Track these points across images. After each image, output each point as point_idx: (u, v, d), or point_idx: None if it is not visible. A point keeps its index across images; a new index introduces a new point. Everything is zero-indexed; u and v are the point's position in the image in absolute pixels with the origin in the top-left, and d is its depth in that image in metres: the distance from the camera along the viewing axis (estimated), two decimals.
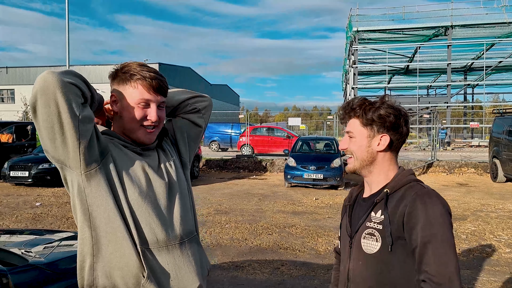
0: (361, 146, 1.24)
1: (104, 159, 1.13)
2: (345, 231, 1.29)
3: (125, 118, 1.19)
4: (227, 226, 6.01)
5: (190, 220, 1.28)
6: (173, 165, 1.28)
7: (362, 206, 1.26)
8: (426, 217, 1.08)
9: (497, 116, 11.40)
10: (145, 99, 1.17)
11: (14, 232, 2.89)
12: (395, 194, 1.17)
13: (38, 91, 1.01)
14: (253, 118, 30.08)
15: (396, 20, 22.62)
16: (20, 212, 6.90)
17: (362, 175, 1.28)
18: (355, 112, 1.25)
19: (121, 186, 1.14)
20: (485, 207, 7.46)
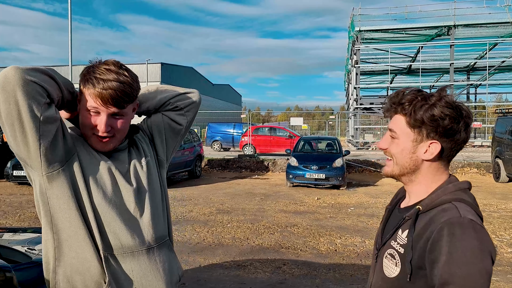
0: (404, 150, 1.02)
1: (69, 160, 1.09)
2: (376, 240, 1.15)
3: (80, 122, 1.15)
4: (229, 225, 6.02)
5: (161, 225, 1.22)
6: (144, 167, 1.22)
7: (396, 217, 1.10)
8: (449, 252, 0.87)
9: (500, 116, 11.36)
10: (93, 107, 1.09)
11: (18, 230, 2.91)
12: (427, 214, 0.97)
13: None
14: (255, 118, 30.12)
15: (399, 19, 22.61)
16: (23, 211, 6.94)
17: (402, 182, 1.09)
18: (403, 108, 1.01)
19: (86, 189, 1.09)
20: (487, 207, 7.44)
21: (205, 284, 3.78)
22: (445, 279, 0.87)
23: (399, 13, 22.82)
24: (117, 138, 1.15)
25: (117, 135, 1.15)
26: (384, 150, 1.09)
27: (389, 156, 1.08)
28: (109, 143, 1.14)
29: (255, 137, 17.05)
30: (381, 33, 23.40)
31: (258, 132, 17.89)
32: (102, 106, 1.09)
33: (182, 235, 5.42)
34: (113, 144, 1.16)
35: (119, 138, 1.17)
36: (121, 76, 1.09)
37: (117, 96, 1.08)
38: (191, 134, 12.38)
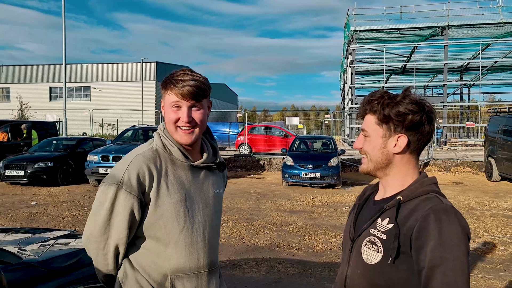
0: (375, 146, 1.10)
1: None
2: (348, 232, 1.19)
3: (166, 122, 1.32)
4: (225, 225, 6.01)
5: (217, 250, 1.40)
6: (221, 195, 1.43)
7: (371, 209, 1.15)
8: (438, 237, 0.94)
9: (492, 116, 11.47)
10: (175, 102, 1.28)
11: (9, 230, 2.88)
12: (408, 204, 1.04)
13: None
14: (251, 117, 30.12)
15: (394, 20, 22.72)
16: (15, 211, 6.87)
17: (377, 177, 1.15)
18: (372, 107, 1.10)
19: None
20: (480, 206, 7.51)
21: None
22: (435, 263, 0.94)
23: (394, 13, 22.95)
24: (197, 129, 1.31)
25: (197, 126, 1.31)
26: (359, 149, 1.16)
27: (363, 155, 1.15)
28: (192, 134, 1.30)
29: (251, 136, 17.03)
30: (376, 33, 23.50)
31: (254, 132, 17.87)
32: (183, 100, 1.27)
33: None
34: (195, 135, 1.31)
35: (201, 129, 1.32)
36: (195, 77, 1.30)
37: (194, 91, 1.28)
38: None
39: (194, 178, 1.33)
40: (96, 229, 1.25)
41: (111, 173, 1.28)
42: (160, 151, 1.30)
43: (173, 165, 1.30)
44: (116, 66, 33.04)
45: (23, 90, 32.14)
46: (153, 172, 1.24)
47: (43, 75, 34.00)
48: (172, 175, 1.28)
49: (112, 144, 10.90)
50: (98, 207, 1.25)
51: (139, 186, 1.22)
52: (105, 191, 1.24)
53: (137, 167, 1.23)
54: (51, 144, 11.28)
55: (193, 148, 1.36)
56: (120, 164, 1.27)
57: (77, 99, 32.97)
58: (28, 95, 30.95)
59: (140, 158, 1.26)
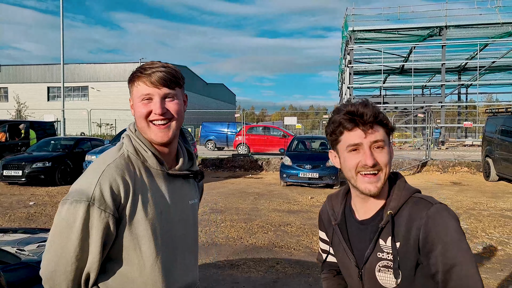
0: (390, 157, 1.05)
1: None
2: (347, 258, 1.12)
3: (136, 119, 1.16)
4: (223, 225, 6.02)
5: (196, 267, 1.27)
6: (196, 206, 1.28)
7: (362, 231, 1.09)
8: (444, 239, 0.96)
9: (490, 116, 11.51)
10: (145, 94, 1.12)
11: (7, 230, 2.88)
12: (401, 215, 1.02)
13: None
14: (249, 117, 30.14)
15: (392, 20, 22.75)
16: (13, 212, 6.85)
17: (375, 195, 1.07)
18: (382, 117, 1.04)
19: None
20: (477, 206, 7.54)
21: (199, 283, 3.77)
22: (451, 263, 0.95)
23: (392, 13, 23.03)
24: (174, 123, 1.15)
25: (173, 119, 1.14)
26: (372, 165, 1.02)
27: (375, 170, 1.03)
28: (168, 130, 1.13)
29: (249, 136, 17.03)
30: (374, 33, 23.53)
31: (252, 132, 17.88)
32: (154, 88, 1.11)
33: None
34: (172, 131, 1.14)
35: (177, 125, 1.15)
36: (165, 64, 1.15)
37: (165, 77, 1.12)
38: (185, 133, 12.34)
39: (170, 189, 1.16)
40: (66, 258, 1.03)
41: (75, 187, 1.06)
42: (133, 158, 1.12)
43: (148, 174, 1.12)
44: (114, 66, 32.96)
45: (21, 90, 32.03)
46: (128, 185, 1.06)
47: (41, 75, 33.89)
48: (147, 186, 1.10)
49: (110, 144, 10.88)
50: (65, 231, 1.02)
51: (113, 201, 1.04)
52: (73, 210, 1.02)
53: (110, 180, 1.04)
54: (49, 144, 11.25)
55: (170, 150, 1.19)
56: (88, 177, 1.07)
57: (75, 99, 32.89)
58: (26, 95, 30.86)
59: (112, 168, 1.06)
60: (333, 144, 1.11)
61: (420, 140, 22.61)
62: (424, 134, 18.29)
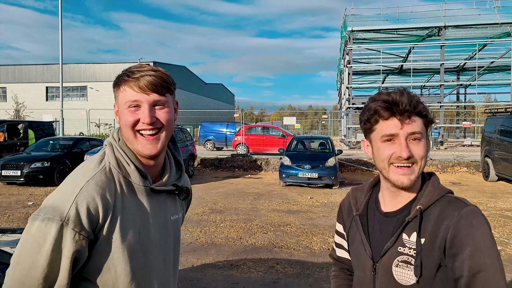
0: (427, 150, 1.01)
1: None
2: (363, 250, 1.07)
3: (122, 128, 1.05)
4: (222, 225, 6.00)
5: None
6: (179, 221, 1.19)
7: (385, 223, 1.04)
8: (473, 242, 0.91)
9: (489, 116, 11.52)
10: (131, 101, 1.01)
11: (6, 231, 2.86)
12: (430, 212, 0.98)
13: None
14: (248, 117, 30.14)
15: (391, 20, 22.78)
16: (12, 212, 6.82)
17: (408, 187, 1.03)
18: (422, 108, 0.99)
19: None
20: (477, 205, 7.53)
21: (198, 284, 3.76)
22: (478, 268, 0.90)
23: (391, 13, 22.99)
24: (164, 133, 1.05)
25: (163, 128, 1.05)
26: (406, 158, 0.98)
27: (409, 163, 0.99)
28: (157, 141, 1.04)
29: (248, 136, 17.02)
30: (373, 33, 23.56)
31: (251, 132, 17.87)
32: (142, 94, 1.01)
33: None
34: (161, 143, 1.04)
35: (167, 135, 1.06)
36: (154, 68, 1.06)
37: (155, 82, 1.02)
38: (184, 133, 12.32)
39: (152, 205, 1.06)
40: (32, 279, 0.93)
41: (49, 203, 0.96)
42: (114, 172, 1.02)
43: (129, 189, 1.03)
44: (113, 65, 32.90)
45: (20, 90, 31.95)
46: (108, 204, 0.97)
47: (40, 75, 33.82)
48: (128, 204, 1.01)
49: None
50: (34, 250, 0.93)
51: (89, 223, 0.94)
52: (43, 229, 0.92)
53: (88, 199, 0.94)
54: (48, 144, 11.22)
55: (156, 163, 1.09)
56: (64, 193, 0.96)
57: (74, 99, 32.82)
58: (24, 95, 30.78)
59: (91, 186, 0.96)
60: (366, 133, 1.06)
61: None
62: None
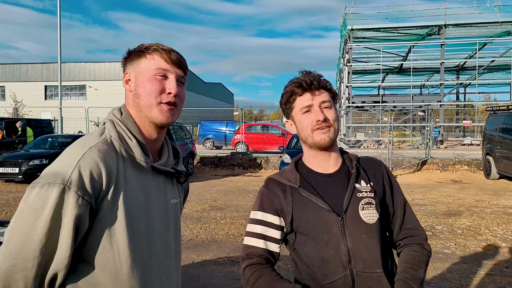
0: (337, 116, 1.23)
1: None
2: (322, 211, 1.14)
3: (141, 96, 1.02)
4: (222, 222, 5.94)
5: (179, 275, 1.15)
6: (178, 206, 1.15)
7: (332, 182, 1.19)
8: (397, 183, 1.27)
9: (491, 114, 11.47)
10: (162, 69, 1.02)
11: (5, 223, 2.79)
12: (362, 164, 1.25)
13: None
14: (247, 117, 30.02)
15: (390, 19, 22.73)
16: (10, 209, 6.75)
17: (329, 147, 1.21)
18: (325, 83, 1.22)
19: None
20: (479, 203, 7.48)
21: (199, 280, 3.69)
22: (405, 198, 1.28)
23: (390, 12, 22.89)
24: (178, 109, 1.07)
25: (179, 105, 1.06)
26: (323, 120, 1.17)
27: (327, 125, 1.18)
28: (173, 113, 1.05)
29: (247, 134, 16.95)
30: (373, 32, 23.51)
31: (250, 130, 17.81)
32: (172, 66, 1.04)
33: None
34: (175, 116, 1.06)
35: (179, 112, 1.08)
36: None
37: (182, 59, 1.07)
38: (183, 131, 12.25)
39: (153, 184, 1.04)
40: (27, 251, 0.85)
41: (49, 170, 0.90)
42: (116, 144, 0.98)
43: (132, 163, 0.99)
44: (112, 64, 32.80)
45: (18, 89, 31.82)
46: (111, 172, 0.92)
47: (38, 74, 33.71)
48: (130, 177, 0.97)
49: None
50: (30, 218, 0.85)
51: (92, 188, 0.89)
52: (43, 194, 0.86)
53: (91, 164, 0.90)
54: (46, 141, 11.14)
55: (157, 140, 1.07)
56: (65, 159, 0.91)
57: (73, 97, 32.73)
58: (23, 94, 30.64)
59: (94, 152, 0.92)
60: (288, 113, 1.25)
61: (419, 139, 22.60)
62: (423, 133, 18.26)
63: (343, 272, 1.10)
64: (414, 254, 1.18)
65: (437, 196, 8.27)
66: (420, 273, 1.15)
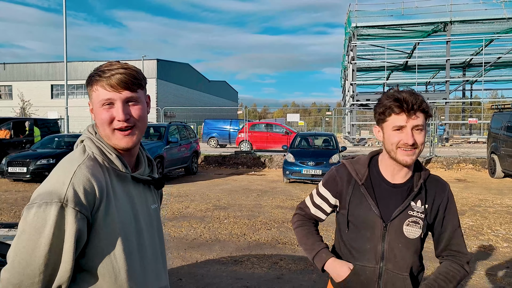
0: (425, 138, 1.34)
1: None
2: (372, 212, 1.33)
3: (99, 126, 1.08)
4: (226, 221, 6.01)
5: (166, 274, 1.21)
6: (158, 210, 1.23)
7: (394, 192, 1.34)
8: (454, 209, 1.38)
9: (496, 112, 11.40)
10: (105, 99, 1.05)
11: (13, 225, 2.87)
12: (427, 186, 1.35)
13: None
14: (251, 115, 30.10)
15: (395, 16, 22.58)
16: (18, 208, 6.88)
17: (409, 165, 1.36)
18: (425, 106, 1.28)
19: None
20: (483, 202, 7.48)
21: (202, 279, 3.77)
22: (458, 224, 1.38)
23: (395, 9, 22.72)
24: (138, 128, 1.10)
25: (137, 124, 1.09)
26: (411, 144, 1.27)
27: (413, 148, 1.29)
28: (132, 136, 1.08)
29: (251, 133, 17.01)
30: (377, 29, 23.37)
31: (254, 129, 17.86)
32: (114, 92, 1.05)
33: (178, 231, 5.40)
34: (136, 137, 1.09)
35: (141, 129, 1.11)
36: (124, 65, 1.09)
37: (126, 79, 1.06)
38: (187, 130, 12.33)
39: (136, 193, 1.11)
40: (33, 268, 0.91)
41: (42, 190, 0.95)
42: (99, 159, 1.06)
43: (115, 175, 1.07)
44: None
45: (25, 88, 32.16)
46: (102, 185, 0.99)
47: (45, 73, 34.01)
48: (116, 187, 1.05)
49: None
50: (32, 236, 0.91)
51: (87, 202, 0.95)
52: (42, 214, 0.91)
53: (83, 180, 0.96)
54: (53, 141, 11.29)
55: (131, 154, 1.14)
56: (56, 179, 0.97)
57: (79, 96, 32.98)
58: (29, 93, 30.98)
59: (83, 168, 0.98)
60: (379, 122, 1.35)
61: None
62: (428, 131, 18.14)
63: (374, 265, 1.33)
64: (450, 269, 1.32)
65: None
66: (449, 286, 1.29)
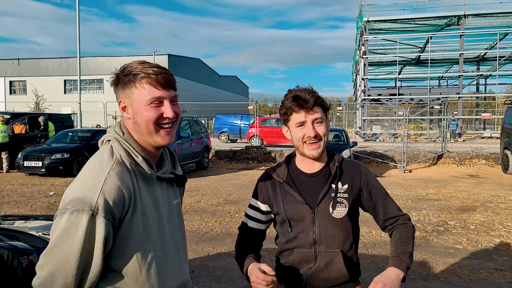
0: (327, 130, 1.45)
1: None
2: (299, 203, 1.41)
3: (141, 124, 1.09)
4: (237, 215, 6.09)
5: (187, 268, 1.26)
6: (180, 205, 1.27)
7: (312, 180, 1.43)
8: (375, 182, 1.49)
9: (509, 107, 11.20)
10: (156, 97, 1.07)
11: (29, 217, 3.00)
12: (342, 167, 1.45)
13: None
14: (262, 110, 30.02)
15: (408, 9, 22.22)
16: (35, 201, 7.09)
17: (316, 157, 1.45)
18: (320, 100, 1.41)
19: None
20: (495, 198, 7.40)
21: (214, 271, 3.86)
22: (385, 193, 1.48)
23: (408, 2, 22.37)
24: (176, 126, 1.15)
25: (176, 122, 1.14)
26: (313, 137, 1.38)
27: (317, 140, 1.39)
28: (172, 133, 1.13)
29: (262, 128, 17.04)
30: (389, 24, 23.04)
31: (265, 124, 17.88)
32: (165, 91, 1.08)
33: (190, 225, 5.51)
34: (173, 135, 1.14)
35: (176, 127, 1.15)
36: (161, 66, 1.12)
37: (171, 79, 1.10)
38: (199, 126, 12.44)
39: (160, 192, 1.15)
40: (67, 269, 0.99)
41: (74, 196, 1.00)
42: (126, 162, 1.08)
43: (142, 178, 1.10)
44: (129, 58, 33.26)
45: (39, 83, 32.75)
46: (130, 192, 1.04)
47: (58, 68, 34.56)
48: (143, 191, 1.09)
49: None
50: (66, 241, 0.98)
51: (117, 210, 1.01)
52: (74, 220, 0.98)
53: (114, 188, 1.01)
54: (67, 136, 11.54)
55: (157, 153, 1.16)
56: (87, 185, 1.01)
57: (91, 91, 33.45)
58: (43, 88, 31.54)
59: (113, 176, 1.02)
60: (285, 122, 1.45)
61: (436, 132, 22.20)
62: (441, 126, 17.92)
63: (309, 250, 1.42)
64: (401, 234, 1.43)
65: (452, 191, 8.20)
66: (409, 247, 1.38)
